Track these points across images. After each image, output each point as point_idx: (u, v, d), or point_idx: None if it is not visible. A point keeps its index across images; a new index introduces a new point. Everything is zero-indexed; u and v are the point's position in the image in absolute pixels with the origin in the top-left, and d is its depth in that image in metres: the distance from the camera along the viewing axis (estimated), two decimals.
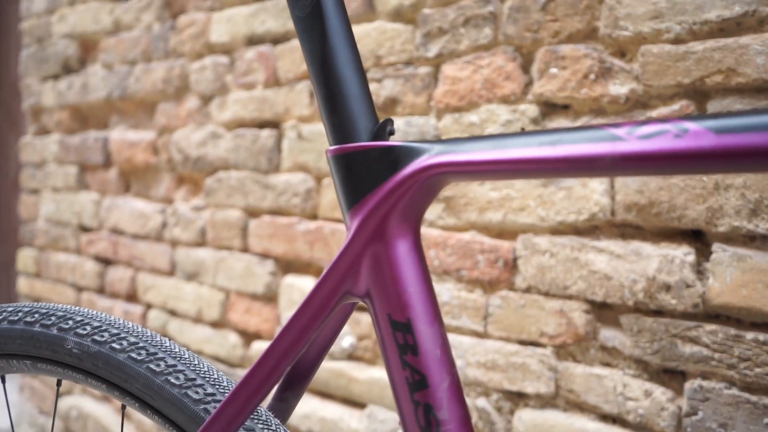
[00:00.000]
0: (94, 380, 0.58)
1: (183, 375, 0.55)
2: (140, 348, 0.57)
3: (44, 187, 2.10)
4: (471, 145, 0.44)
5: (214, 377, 0.56)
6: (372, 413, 1.20)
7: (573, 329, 0.97)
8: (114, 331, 0.58)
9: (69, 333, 0.59)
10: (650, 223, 0.90)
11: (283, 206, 1.38)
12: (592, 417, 0.96)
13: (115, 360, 0.56)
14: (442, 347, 0.46)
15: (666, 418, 0.88)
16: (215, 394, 0.54)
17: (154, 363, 0.56)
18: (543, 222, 1.00)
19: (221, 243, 1.51)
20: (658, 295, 0.89)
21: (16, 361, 0.63)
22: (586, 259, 0.95)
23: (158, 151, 1.69)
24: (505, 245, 1.05)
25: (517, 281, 1.03)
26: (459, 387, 0.46)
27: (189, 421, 0.53)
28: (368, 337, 1.23)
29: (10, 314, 0.63)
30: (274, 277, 1.40)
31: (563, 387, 0.98)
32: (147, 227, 1.71)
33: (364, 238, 0.47)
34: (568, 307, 0.97)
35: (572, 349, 0.98)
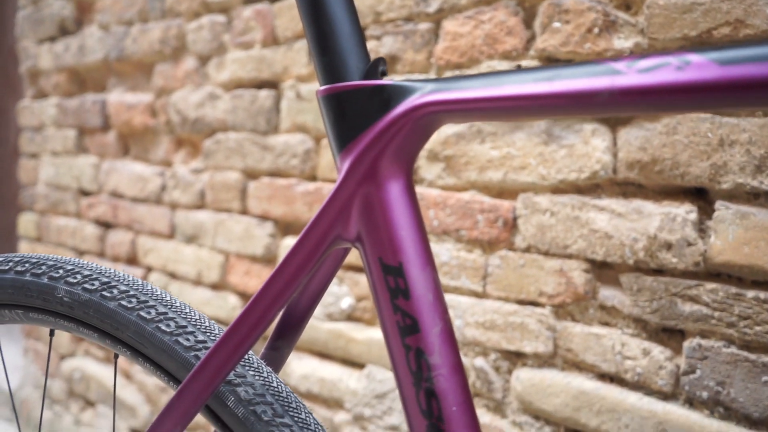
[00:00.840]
0: (85, 329, 0.58)
1: (174, 322, 0.54)
2: (131, 296, 0.56)
3: (43, 151, 2.09)
4: (465, 83, 0.42)
5: (205, 325, 0.55)
6: (371, 373, 1.20)
7: (572, 289, 0.96)
8: (104, 280, 0.58)
9: (60, 282, 0.58)
10: (652, 181, 0.89)
11: (282, 167, 1.36)
12: (590, 376, 0.95)
13: (106, 308, 0.56)
14: (434, 291, 0.45)
15: (664, 377, 0.88)
16: (206, 341, 0.53)
17: (145, 311, 0.55)
18: (544, 181, 0.98)
19: (220, 205, 1.50)
20: (659, 254, 0.88)
21: (8, 311, 0.62)
22: (587, 217, 0.94)
23: (156, 114, 1.67)
24: (505, 204, 1.03)
25: (516, 241, 1.02)
26: (451, 332, 0.45)
27: (180, 368, 0.53)
28: (367, 298, 1.23)
29: (1, 264, 0.62)
30: (273, 238, 1.39)
31: (561, 346, 0.98)
32: (146, 190, 1.70)
33: (355, 180, 0.45)
34: (568, 267, 0.96)
35: (571, 309, 0.97)
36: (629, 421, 0.90)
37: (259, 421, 0.50)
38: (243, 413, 0.50)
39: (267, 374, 0.53)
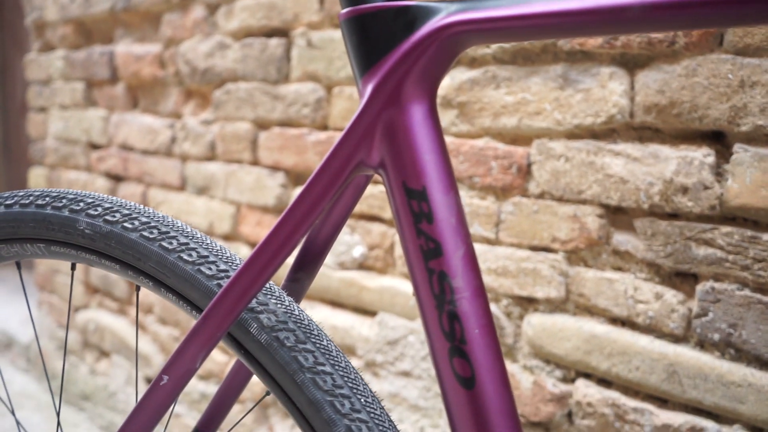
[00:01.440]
0: (107, 261, 0.59)
1: (195, 252, 0.55)
2: (152, 227, 0.56)
3: (52, 104, 2.08)
4: (492, 2, 0.42)
5: (227, 255, 0.56)
6: (383, 320, 1.22)
7: (586, 234, 0.96)
8: (125, 212, 0.58)
9: (80, 214, 0.59)
10: (670, 125, 0.88)
11: (293, 117, 1.35)
12: (601, 320, 0.96)
13: (128, 239, 0.56)
14: (457, 215, 0.45)
15: (675, 320, 0.89)
16: (228, 270, 0.54)
17: (167, 241, 0.55)
18: (559, 126, 0.97)
19: (231, 156, 1.50)
20: (675, 198, 0.87)
21: (30, 245, 0.63)
22: (602, 162, 0.94)
23: (165, 65, 1.65)
24: (519, 151, 1.03)
25: (530, 187, 1.02)
26: (474, 256, 0.45)
27: (203, 297, 0.53)
28: (379, 247, 1.23)
29: (21, 198, 0.63)
30: (284, 189, 1.39)
31: (574, 291, 0.98)
32: (156, 142, 1.70)
33: (379, 104, 0.45)
34: (582, 212, 0.96)
35: (584, 254, 0.97)
36: (640, 363, 0.91)
37: (282, 346, 0.51)
38: (266, 339, 0.51)
39: (288, 303, 0.54)
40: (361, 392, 0.51)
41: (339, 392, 0.50)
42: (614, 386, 0.96)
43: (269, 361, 0.51)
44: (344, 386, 0.50)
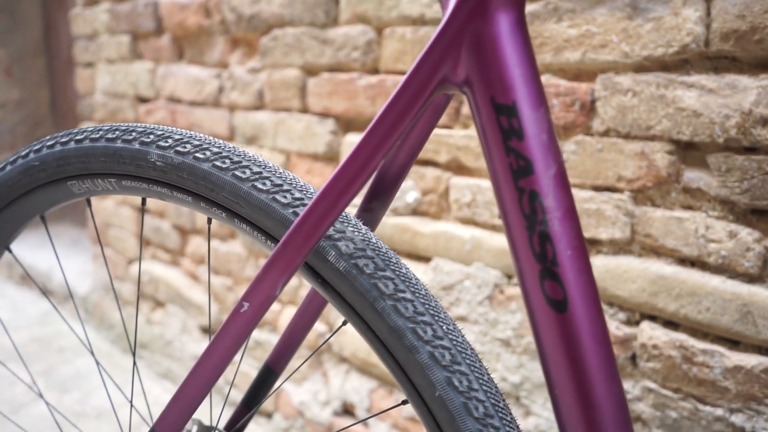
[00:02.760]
0: (179, 193, 0.58)
1: (269, 181, 0.54)
2: (224, 157, 0.56)
3: (98, 59, 2.09)
4: None
5: (300, 184, 0.54)
6: (437, 266, 1.21)
7: (654, 172, 0.92)
8: (196, 143, 0.57)
9: (151, 146, 0.58)
10: (749, 53, 0.82)
11: (342, 62, 1.33)
12: (669, 261, 0.93)
13: (200, 170, 0.56)
14: (548, 132, 0.43)
15: (751, 259, 0.85)
16: (303, 198, 0.53)
17: (240, 170, 0.55)
18: (626, 58, 0.93)
19: (279, 104, 1.49)
20: (753, 131, 0.83)
21: (101, 181, 0.63)
22: (674, 95, 0.89)
23: (210, 13, 1.63)
24: (582, 87, 0.98)
25: (594, 125, 0.98)
26: (565, 175, 0.43)
27: (277, 226, 0.53)
28: (433, 192, 1.21)
29: (91, 133, 0.62)
30: (334, 136, 1.38)
31: (639, 232, 0.95)
32: (204, 93, 1.70)
33: (464, 15, 0.43)
34: (650, 149, 0.92)
35: (651, 193, 0.94)
36: (710, 304, 0.88)
37: (361, 273, 0.50)
38: (344, 267, 0.50)
39: (365, 231, 0.53)
40: (442, 320, 0.50)
41: (421, 319, 0.49)
42: (681, 328, 0.93)
43: (348, 289, 0.50)
44: (425, 313, 0.49)
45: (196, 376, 0.52)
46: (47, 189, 0.67)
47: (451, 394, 0.48)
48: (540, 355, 0.45)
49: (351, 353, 1.41)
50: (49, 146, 0.65)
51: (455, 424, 0.48)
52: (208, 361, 0.51)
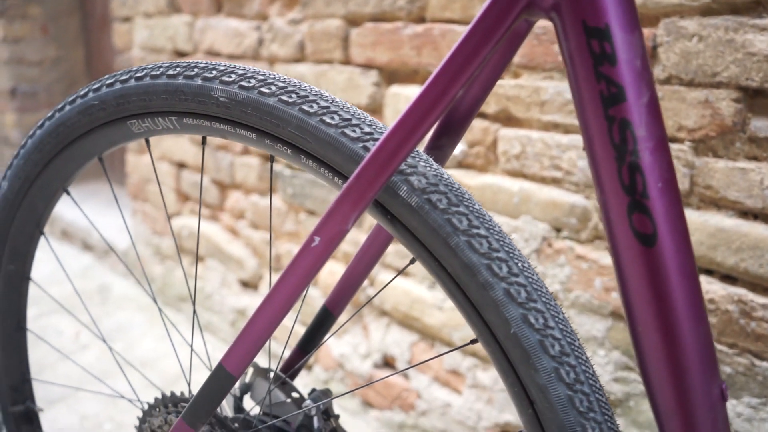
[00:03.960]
0: (242, 130, 0.57)
1: (337, 115, 0.52)
2: (290, 92, 0.54)
3: (136, 13, 2.08)
4: None
5: (369, 119, 0.53)
6: None
7: (718, 120, 0.89)
8: (260, 77, 0.56)
9: (214, 82, 0.57)
10: None
11: (386, 10, 1.29)
12: (730, 213, 0.90)
13: (265, 104, 0.55)
14: (642, 58, 0.40)
15: None
16: (372, 133, 0.52)
17: (307, 105, 0.53)
18: (693, 1, 0.88)
19: (321, 56, 1.46)
20: None
21: (161, 119, 0.63)
22: (743, 40, 0.85)
23: None
24: (644, 32, 0.94)
25: (655, 71, 0.94)
26: (658, 105, 0.41)
27: (346, 161, 0.51)
28: (480, 144, 1.19)
29: (152, 70, 0.62)
30: (378, 87, 1.35)
31: (699, 184, 0.92)
32: (243, 46, 1.68)
33: None
34: (715, 97, 0.88)
35: (714, 143, 0.90)
36: None
37: (434, 209, 0.49)
38: (417, 202, 0.49)
39: (437, 167, 0.51)
40: (517, 257, 0.49)
41: (496, 255, 0.48)
42: (740, 282, 0.90)
43: (420, 225, 0.49)
44: (500, 250, 0.48)
45: (265, 312, 0.52)
46: (106, 129, 0.67)
47: (527, 331, 0.47)
48: (622, 292, 0.44)
49: (392, 307, 1.41)
50: (109, 85, 0.65)
51: (530, 362, 0.47)
52: (276, 297, 0.51)
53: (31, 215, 0.78)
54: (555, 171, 1.08)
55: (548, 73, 1.07)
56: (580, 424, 0.47)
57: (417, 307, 1.36)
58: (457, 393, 1.34)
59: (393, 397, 1.46)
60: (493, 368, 1.25)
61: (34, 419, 0.94)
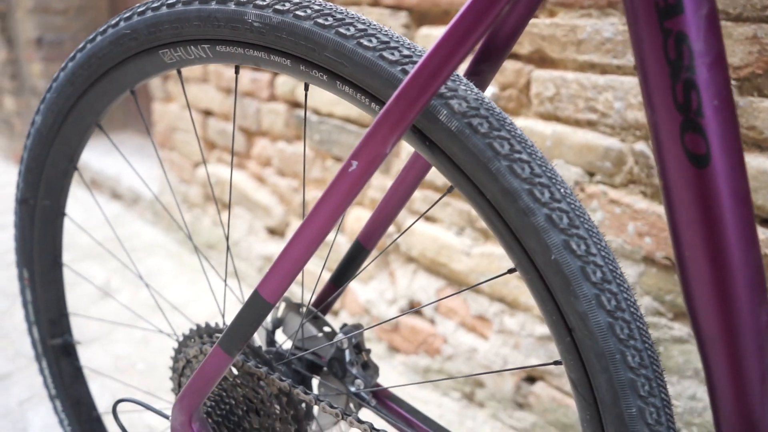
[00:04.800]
0: (276, 56, 0.56)
1: (375, 38, 0.51)
2: (326, 15, 0.53)
3: None
4: None
5: (408, 43, 0.51)
6: None
7: (766, 57, 0.85)
8: (295, 1, 0.54)
9: (248, 6, 0.56)
10: None
11: None
12: None
13: (301, 28, 0.53)
14: None
15: None
16: (411, 56, 0.50)
17: (344, 28, 0.52)
18: None
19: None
20: None
21: (193, 48, 0.62)
22: None
23: None
24: None
25: None
26: (717, 17, 0.39)
27: (384, 85, 0.50)
28: (512, 86, 1.16)
29: None
30: (407, 29, 1.32)
31: (743, 124, 0.89)
32: None
33: None
34: (764, 32, 0.84)
35: (760, 82, 0.87)
36: None
37: (474, 133, 0.47)
38: (456, 126, 0.48)
39: (477, 91, 0.50)
40: (559, 183, 0.48)
41: (538, 180, 0.47)
42: None
43: (459, 150, 0.48)
44: (542, 175, 0.47)
45: (301, 238, 0.51)
46: (138, 59, 0.66)
47: (568, 257, 0.46)
48: (670, 216, 0.42)
49: (419, 253, 1.41)
50: (140, 13, 0.64)
51: (570, 289, 0.46)
52: (313, 223, 0.51)
53: (65, 150, 0.79)
54: (590, 113, 1.05)
55: (586, 11, 1.03)
56: (619, 351, 0.46)
57: (444, 253, 1.35)
58: (483, 338, 1.34)
59: (419, 342, 1.47)
60: (520, 313, 1.25)
61: (72, 352, 0.96)
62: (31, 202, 0.84)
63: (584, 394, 0.49)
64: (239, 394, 0.69)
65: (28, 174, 0.82)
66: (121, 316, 1.82)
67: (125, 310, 1.84)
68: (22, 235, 0.87)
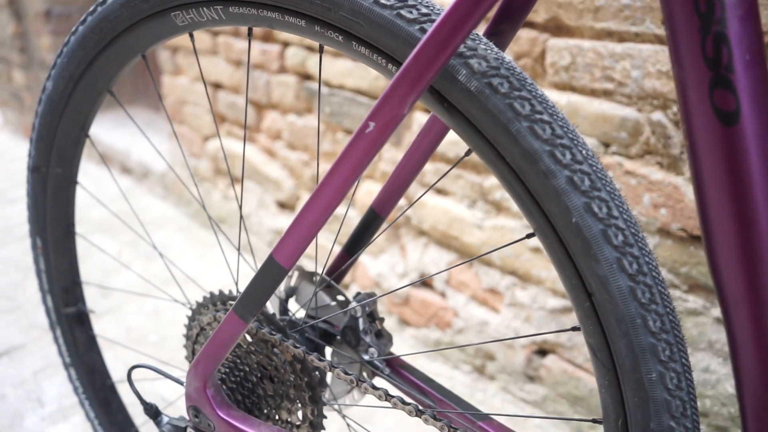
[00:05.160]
0: (291, 17, 0.55)
1: None
2: None
3: None
4: None
5: (425, 1, 0.50)
6: None
7: None
8: None
9: None
10: None
11: None
12: None
13: None
14: None
15: None
16: (430, 14, 0.49)
17: None
18: None
19: None
20: None
21: (206, 9, 0.60)
22: None
23: None
24: None
25: None
26: None
27: (402, 45, 0.49)
28: (527, 56, 1.14)
29: None
30: None
31: None
32: None
33: None
34: None
35: None
36: None
37: (495, 93, 0.46)
38: (476, 86, 0.47)
39: (497, 50, 0.48)
40: (581, 144, 0.47)
41: (559, 142, 0.46)
42: None
43: (478, 111, 0.47)
44: (564, 136, 0.46)
45: (316, 202, 0.51)
46: (150, 22, 0.65)
47: (589, 220, 0.45)
48: (695, 176, 0.41)
49: (430, 226, 1.40)
50: None
51: (591, 253, 0.46)
52: (328, 186, 0.50)
53: (77, 117, 0.78)
54: (606, 83, 1.03)
55: None
56: (640, 315, 0.45)
57: (456, 226, 1.35)
58: (494, 311, 1.34)
59: (429, 315, 1.47)
60: (532, 286, 1.25)
61: (86, 321, 0.97)
62: (44, 170, 0.84)
63: (603, 359, 0.49)
64: (253, 361, 0.69)
65: (39, 142, 0.81)
66: (133, 289, 1.83)
67: (136, 283, 1.85)
68: (34, 204, 0.87)
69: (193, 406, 0.66)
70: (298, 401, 0.68)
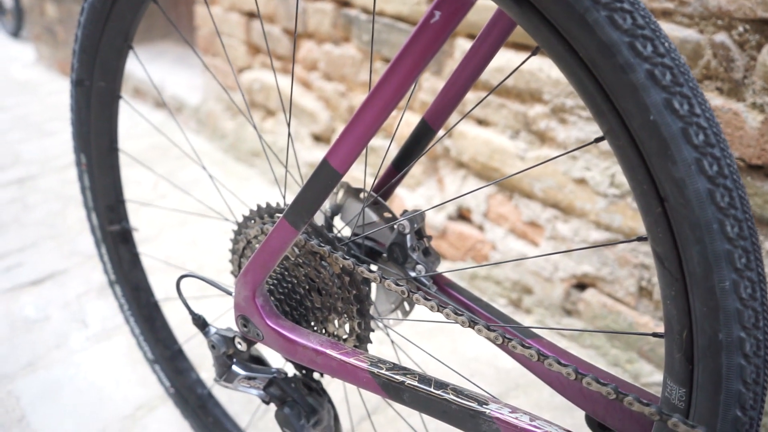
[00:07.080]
0: None
1: None
2: None
3: None
4: None
5: None
6: None
7: None
8: None
9: None
10: None
11: None
12: None
13: None
14: None
15: None
16: None
17: None
18: None
19: None
20: None
21: None
22: None
23: None
24: None
25: None
26: None
27: None
28: None
29: None
30: None
31: None
32: None
33: None
34: None
35: None
36: None
37: None
38: None
39: None
40: (663, 36, 0.43)
41: (641, 33, 0.42)
42: None
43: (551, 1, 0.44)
44: (646, 27, 0.43)
45: (374, 100, 0.49)
46: None
47: (669, 118, 0.42)
48: None
49: (470, 158, 1.38)
50: None
51: (668, 153, 0.43)
52: (388, 83, 0.48)
53: (119, 26, 0.76)
54: (667, 2, 0.97)
55: None
56: (717, 220, 0.43)
57: (497, 158, 1.32)
58: (533, 245, 1.32)
59: (466, 248, 1.46)
60: (574, 219, 1.22)
61: (130, 239, 0.98)
62: (87, 84, 0.82)
63: (671, 268, 0.47)
64: (301, 273, 0.69)
65: (82, 54, 0.80)
66: (171, 218, 1.85)
67: (173, 214, 1.87)
68: (78, 119, 0.86)
69: (243, 315, 0.66)
70: (346, 314, 0.68)
